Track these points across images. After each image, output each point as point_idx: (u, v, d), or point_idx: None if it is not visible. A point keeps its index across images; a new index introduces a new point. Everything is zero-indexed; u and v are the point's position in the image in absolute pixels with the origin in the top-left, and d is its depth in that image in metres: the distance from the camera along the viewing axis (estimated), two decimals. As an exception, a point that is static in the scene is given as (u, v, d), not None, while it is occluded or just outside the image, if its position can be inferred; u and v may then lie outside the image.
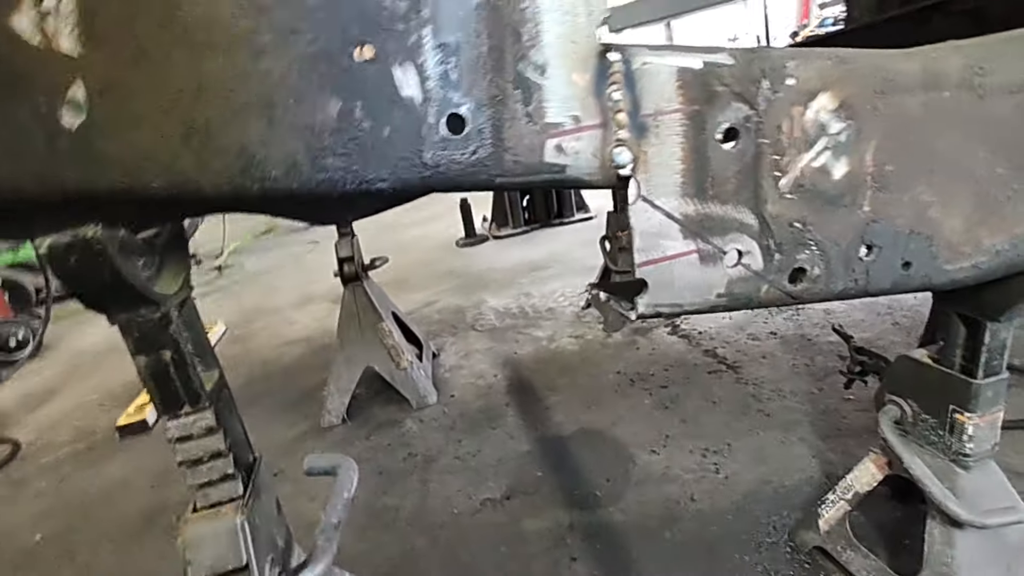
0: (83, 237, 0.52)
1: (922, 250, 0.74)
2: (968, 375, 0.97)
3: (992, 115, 0.70)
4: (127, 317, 0.60)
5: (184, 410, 0.66)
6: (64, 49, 0.47)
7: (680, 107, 0.61)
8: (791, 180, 0.66)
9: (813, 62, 0.63)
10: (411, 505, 1.75)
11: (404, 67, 0.53)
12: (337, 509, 0.78)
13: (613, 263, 2.48)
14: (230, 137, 0.52)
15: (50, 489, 2.25)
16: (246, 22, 0.49)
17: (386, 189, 0.57)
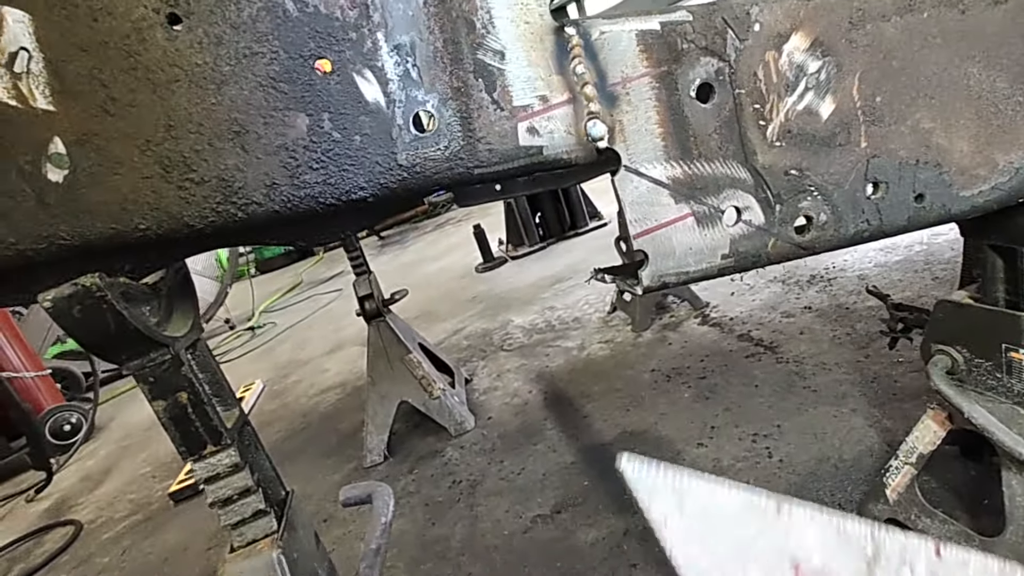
0: (84, 287, 0.53)
1: (933, 179, 0.70)
2: (1015, 308, 0.91)
3: (979, 29, 0.67)
4: (139, 363, 0.61)
5: (207, 450, 0.66)
6: (40, 107, 0.49)
7: (647, 71, 0.60)
8: (777, 127, 0.64)
9: (777, 4, 0.62)
10: (462, 532, 1.71)
11: (364, 73, 0.53)
12: (376, 535, 0.77)
13: (629, 259, 2.45)
14: (207, 168, 0.53)
15: (114, 563, 2.29)
16: (204, 55, 0.50)
17: (367, 197, 0.57)
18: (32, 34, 0.48)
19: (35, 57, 0.48)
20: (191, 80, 0.51)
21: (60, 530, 2.71)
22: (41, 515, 3.03)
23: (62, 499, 3.16)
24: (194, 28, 0.50)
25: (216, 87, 0.51)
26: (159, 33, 0.49)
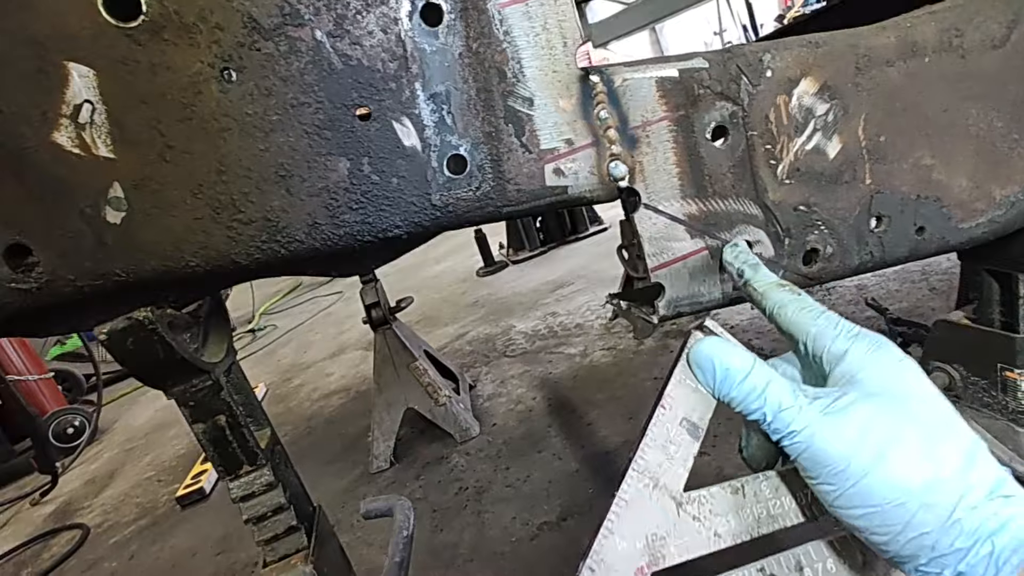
0: (137, 320, 0.57)
1: (933, 213, 0.74)
2: (1010, 331, 0.95)
3: (978, 72, 0.71)
4: (181, 389, 0.64)
5: (244, 470, 0.69)
6: (101, 154, 0.52)
7: (665, 115, 0.63)
8: (787, 166, 0.68)
9: (788, 51, 0.65)
10: (469, 539, 1.75)
11: (402, 120, 0.57)
12: (399, 548, 0.81)
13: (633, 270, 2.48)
14: (254, 209, 0.56)
15: (122, 568, 2.31)
16: (254, 106, 0.53)
17: (402, 234, 0.61)
18: (96, 88, 0.51)
19: (98, 109, 0.51)
20: (242, 129, 0.54)
21: (67, 534, 2.74)
22: (46, 519, 3.06)
23: (67, 503, 3.18)
24: (246, 81, 0.53)
25: (264, 135, 0.54)
26: (214, 86, 0.52)
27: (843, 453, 0.45)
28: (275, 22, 0.52)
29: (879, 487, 0.44)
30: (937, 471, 0.44)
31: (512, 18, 0.58)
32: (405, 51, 0.56)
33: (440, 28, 0.56)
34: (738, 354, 0.51)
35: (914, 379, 0.49)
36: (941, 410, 0.47)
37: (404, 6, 0.55)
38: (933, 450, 0.45)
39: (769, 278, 0.60)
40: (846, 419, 0.46)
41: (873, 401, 0.47)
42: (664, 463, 0.57)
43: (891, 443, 0.45)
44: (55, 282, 0.56)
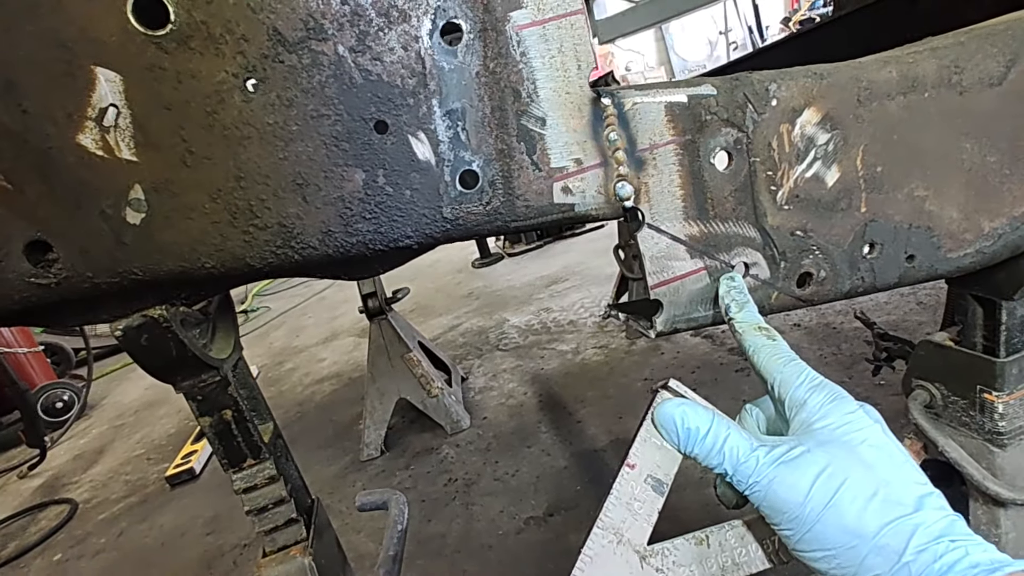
0: (152, 318, 0.58)
1: (924, 242, 0.77)
2: (991, 354, 0.98)
3: (975, 108, 0.73)
4: (190, 384, 0.66)
5: (247, 463, 0.71)
6: (124, 157, 0.54)
7: (673, 139, 0.65)
8: (787, 192, 0.70)
9: (793, 81, 0.67)
10: (457, 530, 1.79)
11: (417, 135, 0.59)
12: (393, 542, 0.83)
13: (628, 270, 2.51)
14: (270, 215, 0.58)
15: (110, 544, 2.34)
16: (275, 116, 0.55)
17: (412, 244, 0.62)
18: (122, 92, 0.52)
19: (123, 113, 0.53)
20: (262, 137, 0.55)
21: (55, 508, 2.75)
22: (34, 492, 3.07)
23: (55, 477, 3.19)
24: (268, 92, 0.54)
25: (284, 144, 0.56)
26: (236, 95, 0.54)
27: (797, 500, 0.48)
28: (299, 36, 0.54)
29: (832, 531, 0.47)
30: (885, 515, 0.46)
31: (529, 40, 0.59)
32: (424, 68, 0.57)
33: (459, 47, 0.58)
34: (698, 413, 0.56)
35: (868, 428, 0.51)
36: (893, 457, 0.50)
37: (425, 25, 0.56)
38: (883, 495, 0.47)
39: (751, 320, 0.63)
40: (800, 468, 0.49)
41: (826, 449, 0.50)
42: (628, 519, 0.58)
43: (842, 489, 0.47)
44: (73, 278, 0.57)
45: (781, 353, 0.59)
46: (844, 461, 0.49)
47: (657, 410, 0.59)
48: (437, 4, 0.56)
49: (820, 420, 0.52)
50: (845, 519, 0.46)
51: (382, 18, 0.55)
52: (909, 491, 0.47)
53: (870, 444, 0.50)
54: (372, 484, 2.18)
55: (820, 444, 0.50)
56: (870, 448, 0.50)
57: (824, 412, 0.53)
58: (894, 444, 0.51)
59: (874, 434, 0.51)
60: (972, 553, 0.44)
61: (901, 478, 0.48)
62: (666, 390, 0.61)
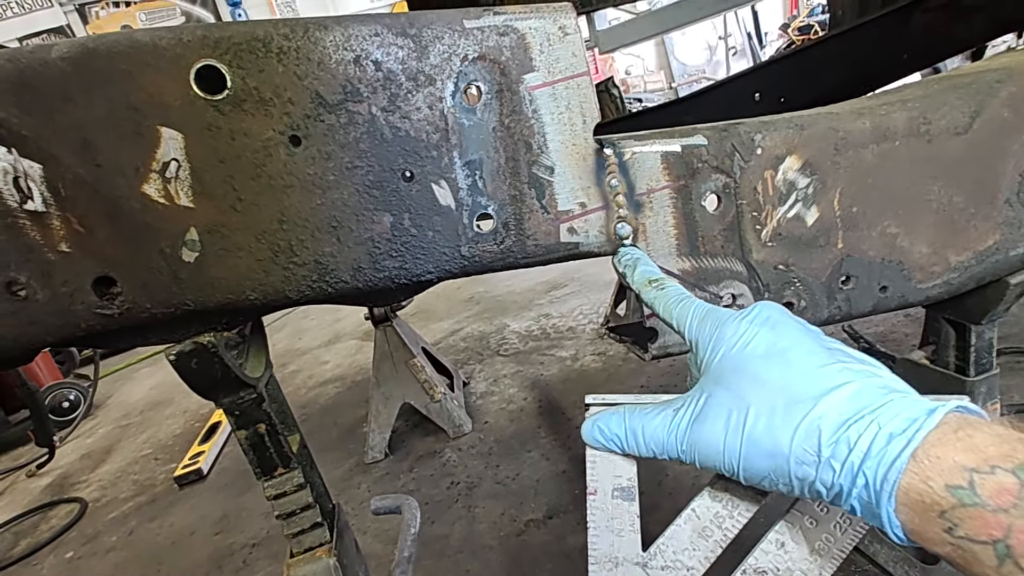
0: (201, 344, 0.66)
1: (895, 274, 0.84)
2: (962, 373, 1.06)
3: (942, 155, 0.80)
4: (230, 401, 0.73)
5: (278, 472, 0.79)
6: (182, 204, 0.61)
7: (668, 184, 0.73)
8: (770, 231, 0.77)
9: (776, 132, 0.75)
10: (459, 532, 1.86)
11: (439, 183, 0.66)
12: (407, 544, 0.90)
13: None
14: (309, 254, 0.65)
15: (121, 543, 2.40)
16: (315, 167, 0.62)
17: (432, 279, 0.70)
18: (183, 149, 0.59)
19: (183, 166, 0.60)
20: (303, 186, 0.62)
21: (64, 507, 2.81)
22: (43, 491, 3.13)
23: (64, 476, 3.25)
24: (310, 147, 0.61)
25: (322, 192, 0.63)
26: (282, 150, 0.61)
27: (718, 450, 0.50)
28: (338, 98, 0.61)
29: (758, 462, 0.48)
30: (790, 423, 0.45)
31: (540, 99, 0.67)
32: (447, 125, 0.64)
33: (478, 106, 0.65)
34: (611, 420, 0.58)
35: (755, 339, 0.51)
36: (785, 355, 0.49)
37: (448, 87, 0.64)
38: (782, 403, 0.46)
39: (644, 275, 0.65)
40: (708, 419, 0.51)
41: (724, 385, 0.50)
42: (614, 540, 0.59)
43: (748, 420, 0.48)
44: (134, 309, 0.64)
45: (671, 297, 0.61)
46: (741, 390, 0.49)
47: (582, 433, 0.61)
48: (459, 68, 0.64)
49: (712, 354, 0.53)
50: (762, 446, 0.47)
51: (411, 82, 0.62)
52: (807, 384, 0.46)
53: (759, 356, 0.50)
54: (377, 487, 2.24)
55: (717, 382, 0.51)
56: (760, 360, 0.49)
57: (714, 344, 0.53)
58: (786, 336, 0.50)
59: (762, 341, 0.50)
60: (885, 424, 0.42)
61: (796, 375, 0.47)
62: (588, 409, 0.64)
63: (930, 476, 0.39)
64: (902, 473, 0.40)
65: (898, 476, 0.40)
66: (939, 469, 0.39)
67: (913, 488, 0.40)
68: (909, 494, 0.40)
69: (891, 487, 0.41)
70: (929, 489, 0.39)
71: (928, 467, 0.39)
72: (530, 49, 0.65)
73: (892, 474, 0.40)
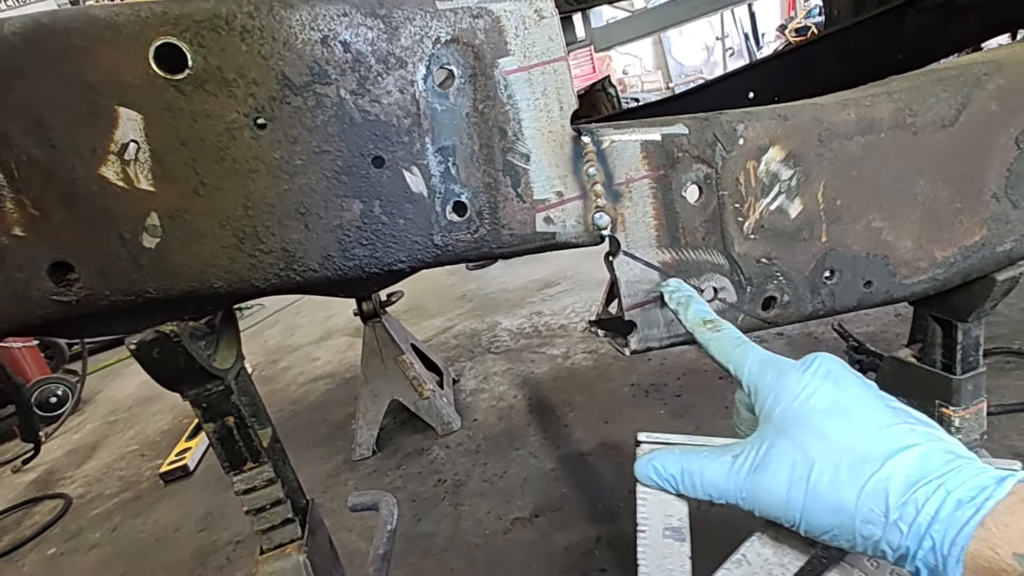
0: (163, 333, 0.64)
1: (880, 269, 0.83)
2: (948, 372, 1.04)
3: (928, 148, 0.79)
4: (196, 393, 0.71)
5: (247, 466, 0.77)
6: (142, 187, 0.59)
7: (647, 174, 0.71)
8: (753, 223, 0.76)
9: (759, 122, 0.73)
10: (445, 529, 1.84)
11: (411, 169, 0.64)
12: (383, 541, 0.88)
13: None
14: (275, 241, 0.63)
15: (104, 539, 2.37)
16: (281, 152, 0.60)
17: (405, 268, 0.68)
18: (142, 130, 0.57)
19: (142, 148, 0.58)
20: (269, 171, 0.60)
21: (49, 503, 2.78)
22: (28, 486, 3.10)
23: (49, 471, 3.22)
24: (275, 130, 0.59)
25: (289, 177, 0.61)
26: (247, 133, 0.59)
27: (780, 501, 0.50)
28: (305, 80, 0.59)
29: (821, 516, 0.48)
30: (858, 481, 0.46)
31: (515, 84, 0.65)
32: (418, 109, 0.63)
33: (451, 90, 0.63)
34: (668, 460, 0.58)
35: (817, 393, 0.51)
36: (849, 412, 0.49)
37: (420, 70, 0.62)
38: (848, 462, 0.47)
39: (698, 315, 0.65)
40: (770, 469, 0.51)
41: (787, 436, 0.51)
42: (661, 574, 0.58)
43: (812, 474, 0.48)
44: (92, 296, 0.62)
45: (727, 341, 0.61)
46: (804, 444, 0.49)
47: (635, 471, 0.61)
48: (432, 51, 0.62)
49: (773, 404, 0.53)
50: (826, 501, 0.47)
51: (381, 64, 0.61)
52: (872, 444, 0.47)
53: (821, 411, 0.50)
54: (364, 483, 2.22)
55: (780, 433, 0.51)
56: (823, 415, 0.50)
57: (775, 395, 0.53)
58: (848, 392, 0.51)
59: (825, 396, 0.51)
60: (954, 490, 0.43)
61: (862, 433, 0.48)
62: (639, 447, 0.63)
63: (997, 543, 0.40)
64: (970, 539, 0.41)
65: (966, 542, 0.41)
66: (1007, 537, 0.40)
67: (980, 554, 0.41)
68: (976, 560, 0.41)
69: (959, 552, 0.42)
70: (996, 556, 0.40)
71: (996, 535, 0.41)
72: (505, 32, 0.63)
73: (960, 539, 0.42)
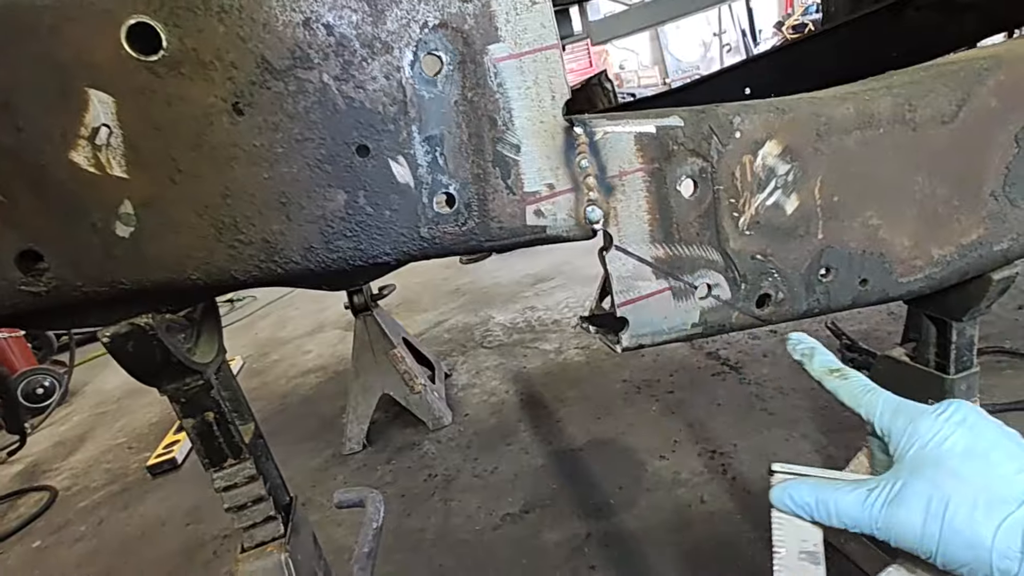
0: (138, 326, 0.61)
1: (876, 267, 0.81)
2: (942, 371, 1.04)
3: (927, 144, 0.78)
4: (174, 387, 0.69)
5: (228, 463, 0.75)
6: (115, 174, 0.56)
7: (641, 167, 0.69)
8: (748, 218, 0.74)
9: (756, 115, 0.71)
10: (435, 525, 1.82)
11: (397, 159, 0.62)
12: (368, 539, 0.87)
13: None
14: (255, 232, 0.61)
15: (90, 532, 2.34)
16: (261, 139, 0.58)
17: (390, 261, 0.66)
18: (114, 113, 0.55)
19: (114, 132, 0.55)
20: (249, 158, 0.58)
21: (34, 495, 2.75)
22: (13, 478, 3.06)
23: (35, 463, 3.18)
24: (255, 116, 0.57)
25: (269, 165, 0.59)
26: (224, 118, 0.56)
27: (916, 534, 0.52)
28: (286, 64, 0.56)
29: (956, 550, 0.50)
30: (994, 519, 0.49)
31: (506, 72, 0.63)
32: (405, 97, 0.60)
33: (439, 77, 0.61)
34: (803, 491, 0.59)
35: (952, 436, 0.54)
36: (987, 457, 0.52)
37: (407, 56, 0.59)
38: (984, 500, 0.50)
39: (824, 364, 0.66)
40: (905, 504, 0.53)
41: (921, 475, 0.53)
42: None
43: (948, 511, 0.51)
44: (63, 287, 0.60)
45: (857, 388, 0.62)
46: (940, 482, 0.52)
47: (772, 499, 0.62)
48: (419, 36, 0.60)
49: (908, 446, 0.56)
50: (962, 536, 0.50)
51: (366, 49, 0.58)
52: (1009, 486, 0.50)
53: (957, 454, 0.53)
54: (354, 478, 2.21)
55: (914, 472, 0.54)
56: (959, 458, 0.53)
57: (909, 437, 0.56)
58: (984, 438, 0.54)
59: (960, 440, 0.53)
60: None
61: (997, 476, 0.51)
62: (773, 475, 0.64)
63: None
64: None
65: None
66: None
67: None
68: None
69: None
70: None
71: None
72: (495, 18, 0.61)
73: None
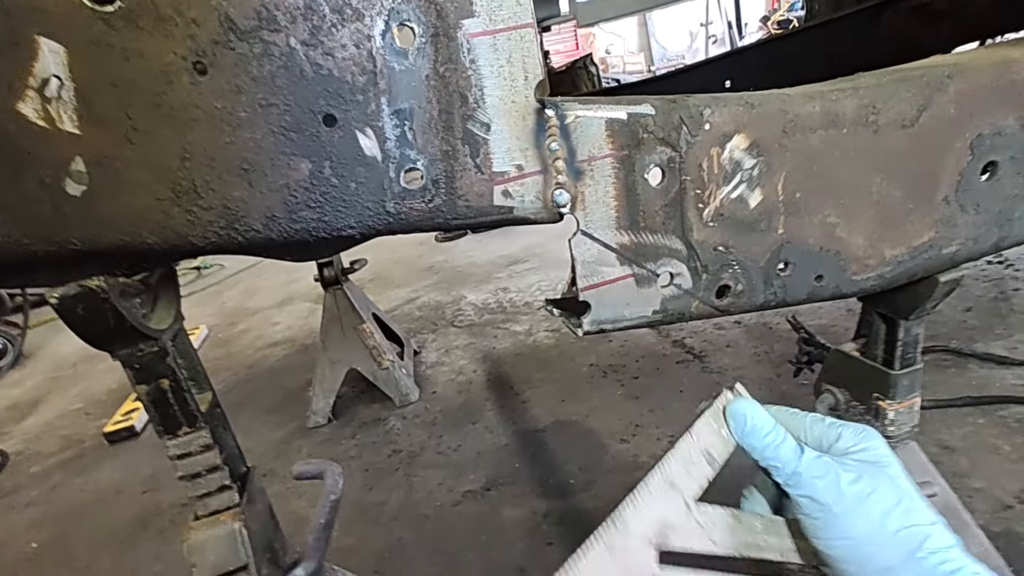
0: (89, 288, 0.60)
1: (832, 264, 0.84)
2: (887, 367, 1.08)
3: (886, 147, 0.80)
4: (127, 353, 0.68)
5: (182, 431, 0.74)
6: (66, 129, 0.54)
7: (610, 152, 0.69)
8: (713, 210, 0.76)
9: (726, 108, 0.72)
10: (396, 499, 1.84)
11: (365, 131, 0.61)
12: (325, 511, 0.87)
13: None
14: (215, 197, 0.59)
15: (42, 498, 2.29)
16: (223, 101, 0.56)
17: (355, 235, 0.65)
18: (65, 65, 0.52)
19: (66, 85, 0.53)
20: (210, 121, 0.56)
21: (-17, 459, 2.67)
22: (-39, 441, 2.95)
23: (-16, 426, 3.08)
24: (217, 77, 0.55)
25: (231, 129, 0.57)
26: (185, 78, 0.55)
27: (833, 495, 0.57)
28: (251, 24, 0.55)
29: (858, 524, 0.55)
30: (905, 520, 0.55)
31: (479, 48, 0.62)
32: (375, 67, 0.59)
33: (410, 49, 0.60)
34: (764, 415, 0.66)
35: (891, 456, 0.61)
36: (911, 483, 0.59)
37: (378, 25, 0.58)
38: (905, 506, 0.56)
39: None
40: (838, 472, 0.58)
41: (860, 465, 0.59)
42: (683, 474, 0.67)
43: (872, 495, 0.56)
44: (9, 245, 0.57)
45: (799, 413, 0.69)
46: (875, 475, 0.58)
47: (732, 404, 0.67)
48: (391, 6, 0.58)
49: (854, 447, 0.61)
50: (871, 516, 0.55)
51: (335, 15, 0.57)
52: (926, 512, 0.57)
53: (894, 467, 0.60)
54: (318, 451, 2.20)
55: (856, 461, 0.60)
56: (895, 470, 0.59)
57: (856, 442, 0.62)
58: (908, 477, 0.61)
59: (895, 462, 0.60)
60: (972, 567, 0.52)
61: (920, 499, 0.58)
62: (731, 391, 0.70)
63: None
64: None
65: None
66: None
67: None
68: None
69: None
70: None
71: None
72: (471, -9, 0.60)
73: None
